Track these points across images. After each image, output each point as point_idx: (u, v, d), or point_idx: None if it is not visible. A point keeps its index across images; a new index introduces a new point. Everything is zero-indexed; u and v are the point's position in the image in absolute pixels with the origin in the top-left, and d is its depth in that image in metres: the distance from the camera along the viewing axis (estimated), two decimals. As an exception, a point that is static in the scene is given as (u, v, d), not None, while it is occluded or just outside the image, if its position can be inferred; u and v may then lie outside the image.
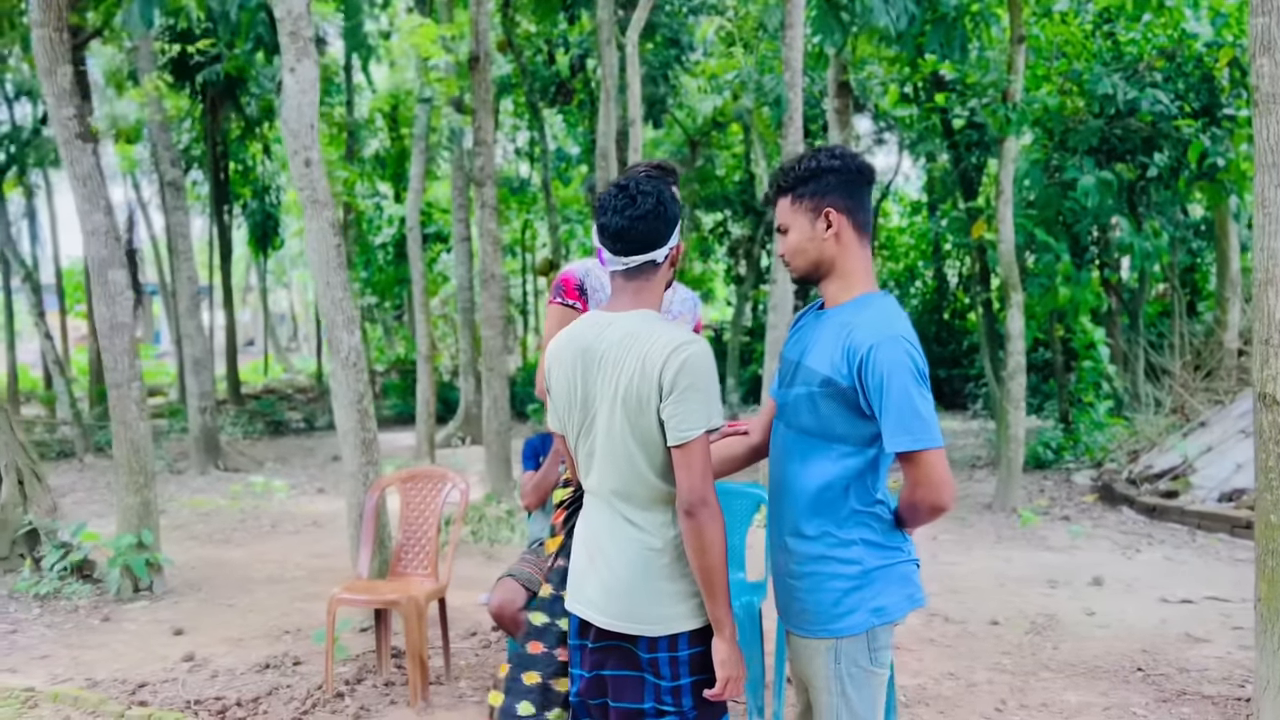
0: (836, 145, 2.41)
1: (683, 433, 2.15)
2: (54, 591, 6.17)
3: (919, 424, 2.13)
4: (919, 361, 2.17)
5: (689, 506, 2.15)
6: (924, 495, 2.18)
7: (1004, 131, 8.46)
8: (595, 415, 2.28)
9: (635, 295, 2.33)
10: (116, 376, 6.32)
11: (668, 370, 2.16)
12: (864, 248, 2.33)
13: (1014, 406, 8.71)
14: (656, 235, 2.29)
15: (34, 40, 5.99)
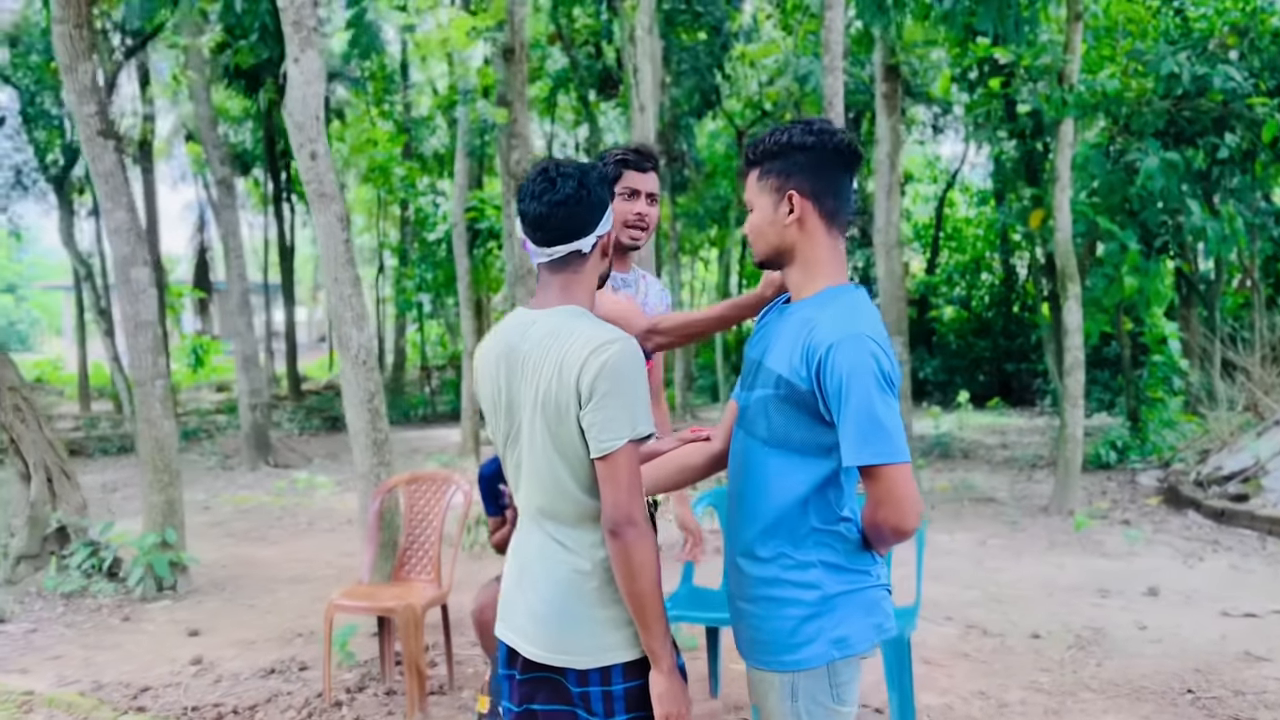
0: (819, 119, 2.11)
1: (604, 443, 1.95)
2: (80, 590, 6.16)
3: (880, 435, 1.88)
4: (885, 364, 1.91)
5: (614, 526, 1.94)
6: (886, 516, 1.93)
7: (1059, 115, 8.04)
8: (520, 424, 2.08)
9: (562, 290, 2.12)
10: (140, 374, 6.30)
11: (585, 374, 1.95)
12: (832, 237, 2.08)
13: (1072, 404, 8.28)
14: (580, 222, 2.08)
15: (54, 37, 5.97)
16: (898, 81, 9.03)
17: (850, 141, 2.07)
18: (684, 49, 11.98)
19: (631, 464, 1.96)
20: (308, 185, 5.11)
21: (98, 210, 18.09)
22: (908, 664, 3.79)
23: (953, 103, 13.71)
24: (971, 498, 9.25)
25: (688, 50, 11.91)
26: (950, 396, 17.35)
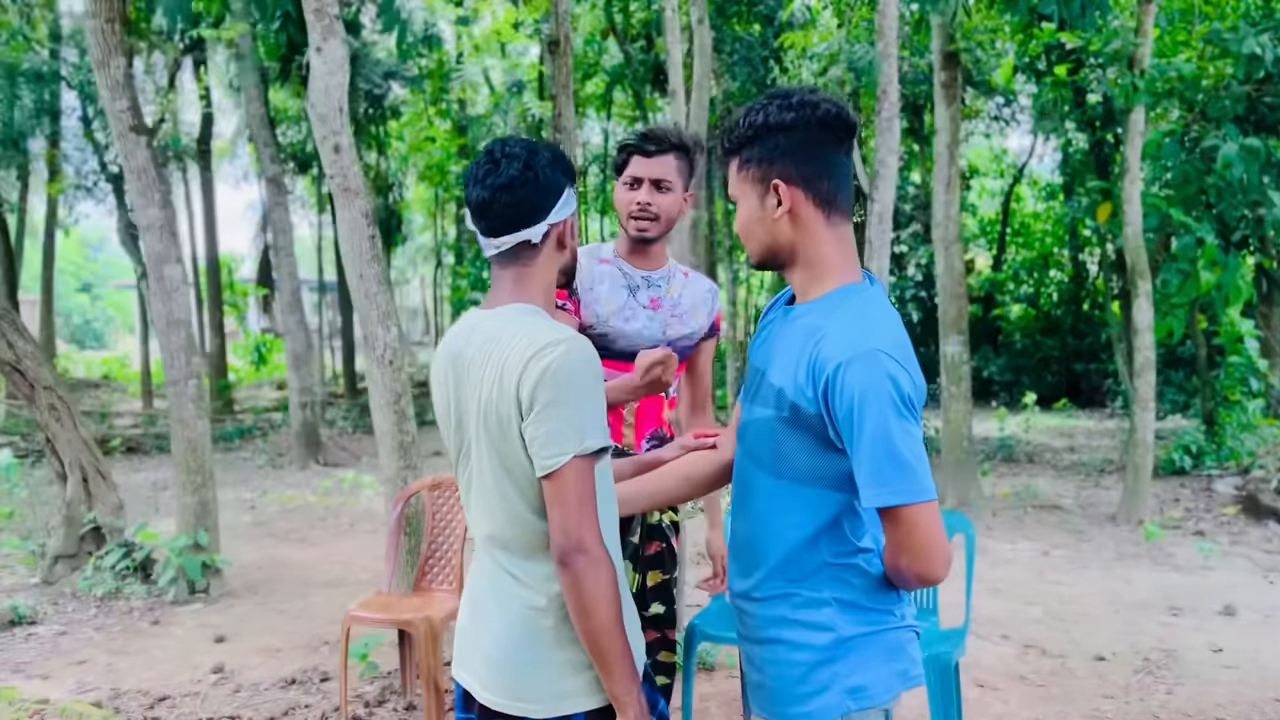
0: (799, 90, 1.79)
1: (548, 459, 1.72)
2: (113, 592, 6.10)
3: (899, 472, 1.60)
4: (904, 385, 1.62)
5: (563, 554, 1.71)
6: (909, 563, 1.66)
7: (1130, 102, 7.60)
8: (469, 440, 1.85)
9: (513, 286, 1.89)
10: (173, 374, 6.21)
11: (525, 380, 1.73)
12: (833, 226, 1.78)
13: (1143, 407, 7.84)
14: (527, 208, 1.84)
15: (87, 33, 5.89)
16: (957, 70, 8.63)
17: (838, 111, 1.75)
18: (736, 39, 11.68)
19: (580, 482, 1.72)
20: (331, 180, 4.95)
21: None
22: (955, 692, 3.50)
23: (1017, 92, 13.21)
24: (1035, 504, 8.84)
25: (740, 41, 11.61)
26: (1016, 397, 16.80)
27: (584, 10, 16.74)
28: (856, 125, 1.79)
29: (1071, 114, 11.74)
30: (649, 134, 2.65)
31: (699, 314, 2.79)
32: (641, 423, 2.72)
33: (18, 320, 6.24)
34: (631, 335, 2.67)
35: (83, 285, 54.12)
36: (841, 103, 1.79)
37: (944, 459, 9.01)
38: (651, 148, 2.62)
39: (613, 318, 2.66)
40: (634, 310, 2.69)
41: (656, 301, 2.73)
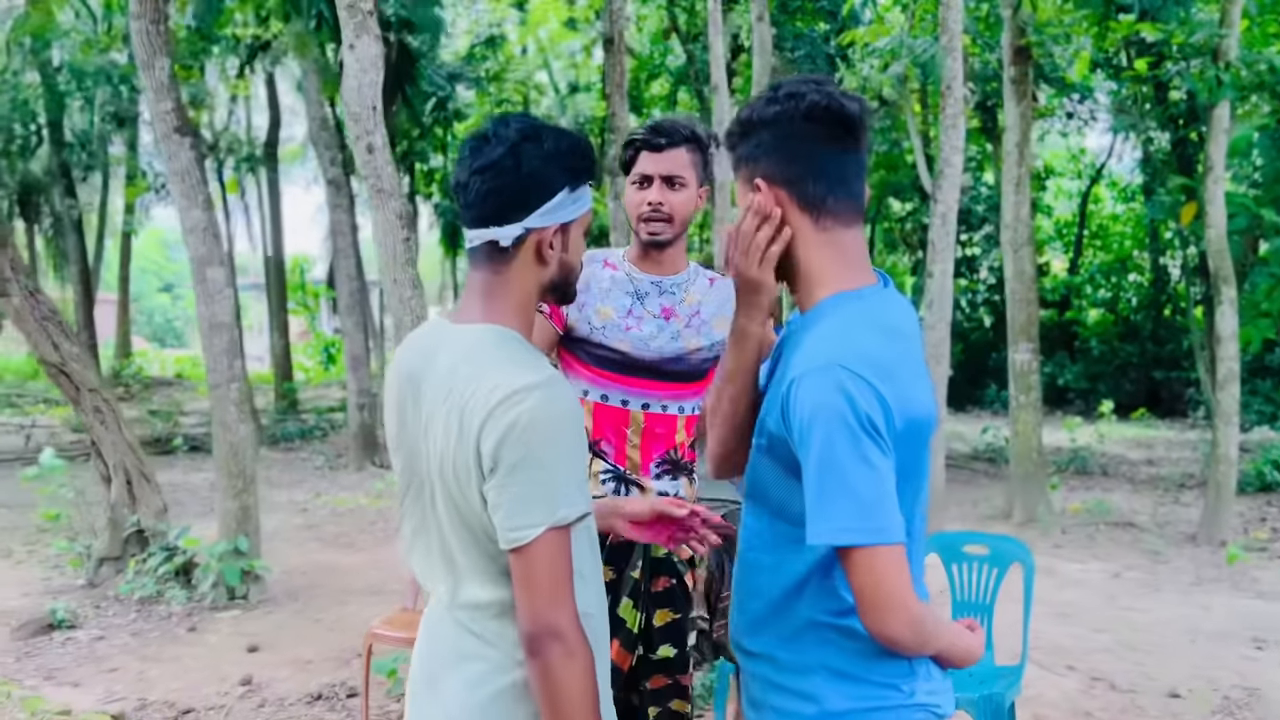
0: (795, 80, 1.57)
1: (514, 532, 1.46)
2: (154, 595, 6.06)
3: (847, 505, 1.37)
4: (863, 404, 1.38)
5: (530, 640, 1.46)
6: (864, 617, 1.40)
7: (1214, 98, 7.17)
8: (422, 481, 1.60)
9: (482, 297, 1.60)
10: (216, 377, 6.15)
11: (488, 434, 1.45)
12: (824, 230, 1.55)
13: (1225, 421, 7.39)
14: (501, 202, 1.55)
15: (132, 33, 5.87)
16: (1028, 65, 8.25)
17: (828, 102, 1.52)
18: (798, 36, 11.39)
19: (554, 559, 1.46)
20: (366, 180, 4.82)
21: (228, 213, 18.69)
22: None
23: (1094, 89, 12.69)
24: (1108, 521, 8.41)
25: (801, 38, 11.32)
26: (1092, 406, 16.20)
27: (649, 11, 16.59)
28: (855, 118, 1.55)
29: (1152, 111, 11.23)
30: (657, 126, 2.40)
31: (722, 324, 2.48)
32: (649, 444, 2.46)
33: (64, 323, 6.24)
34: (635, 345, 2.41)
35: (164, 285, 55.61)
36: (839, 94, 1.55)
37: (1012, 471, 8.63)
38: (661, 141, 2.37)
39: (609, 326, 2.40)
40: (640, 317, 2.43)
41: (670, 310, 2.46)
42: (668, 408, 2.46)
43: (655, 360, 2.43)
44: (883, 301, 1.56)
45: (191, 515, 8.37)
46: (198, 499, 9.67)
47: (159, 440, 12.94)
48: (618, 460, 2.44)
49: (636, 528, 1.99)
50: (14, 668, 4.99)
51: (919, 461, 1.53)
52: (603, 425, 2.44)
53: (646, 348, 2.41)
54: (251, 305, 37.03)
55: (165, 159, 6.00)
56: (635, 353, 2.41)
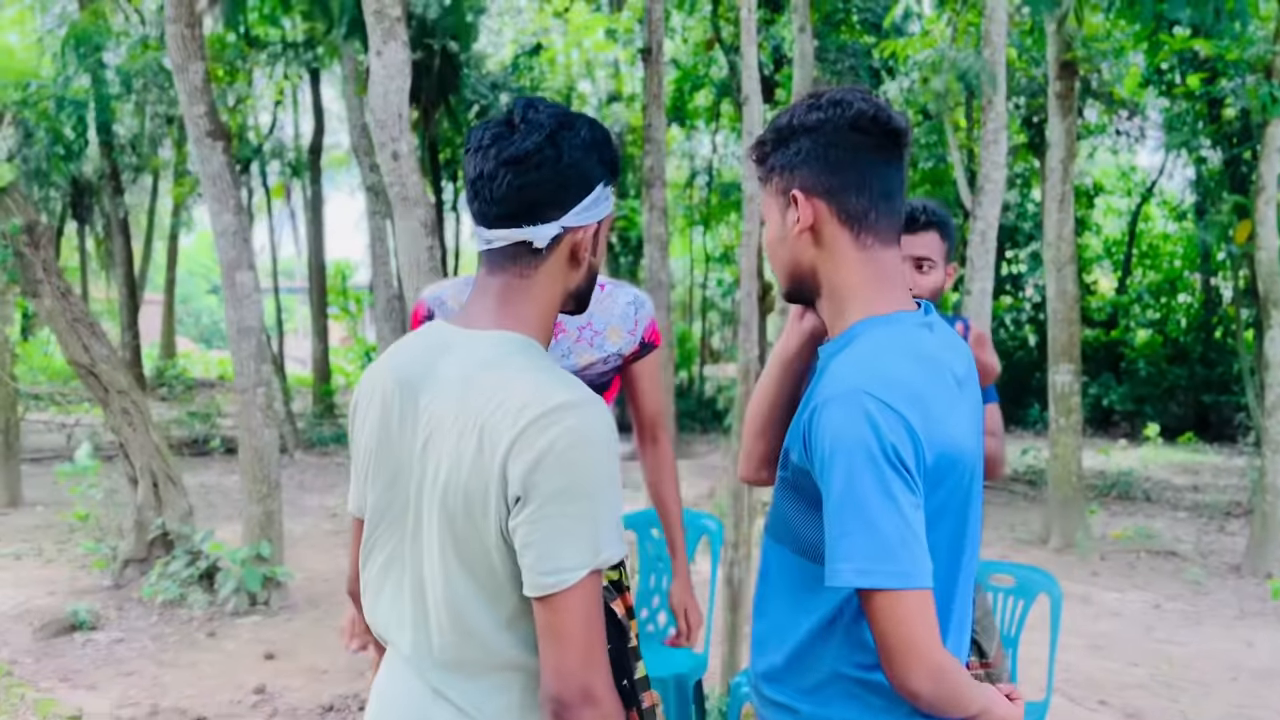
0: (836, 89, 1.47)
1: (549, 576, 1.25)
2: (176, 599, 6.06)
3: (867, 545, 1.26)
4: (890, 434, 1.28)
5: (559, 705, 1.25)
6: (884, 666, 1.30)
7: (1267, 114, 6.95)
8: (405, 505, 1.39)
9: (500, 303, 1.40)
10: (243, 382, 6.15)
11: (518, 457, 1.25)
12: (864, 248, 1.45)
13: (1273, 449, 7.14)
14: (537, 198, 1.37)
15: (168, 37, 5.90)
16: (1074, 80, 8.06)
17: (876, 112, 1.42)
18: (840, 48, 11.27)
19: (590, 609, 1.26)
20: (390, 188, 4.78)
21: (272, 217, 18.87)
22: (1029, 778, 3.08)
23: (1143, 104, 12.42)
24: (1149, 549, 8.16)
25: (844, 50, 11.20)
26: (1138, 428, 15.84)
27: (693, 22, 16.52)
28: (903, 131, 1.46)
29: (1205, 128, 10.96)
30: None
31: (617, 333, 2.38)
32: None
33: (96, 325, 6.28)
34: None
35: (212, 287, 56.44)
36: (884, 104, 1.46)
37: (1050, 495, 8.43)
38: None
39: None
40: None
41: (559, 325, 2.34)
42: None
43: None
44: (920, 329, 1.45)
45: (221, 518, 8.40)
46: (229, 501, 9.71)
47: (196, 441, 13.05)
48: None
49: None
50: (33, 669, 5.00)
51: (958, 500, 1.42)
52: None
53: None
54: (297, 308, 37.46)
55: (198, 162, 6.01)
56: None
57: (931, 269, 2.43)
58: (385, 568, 1.43)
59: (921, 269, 2.42)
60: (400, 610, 1.40)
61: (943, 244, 2.47)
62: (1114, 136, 15.06)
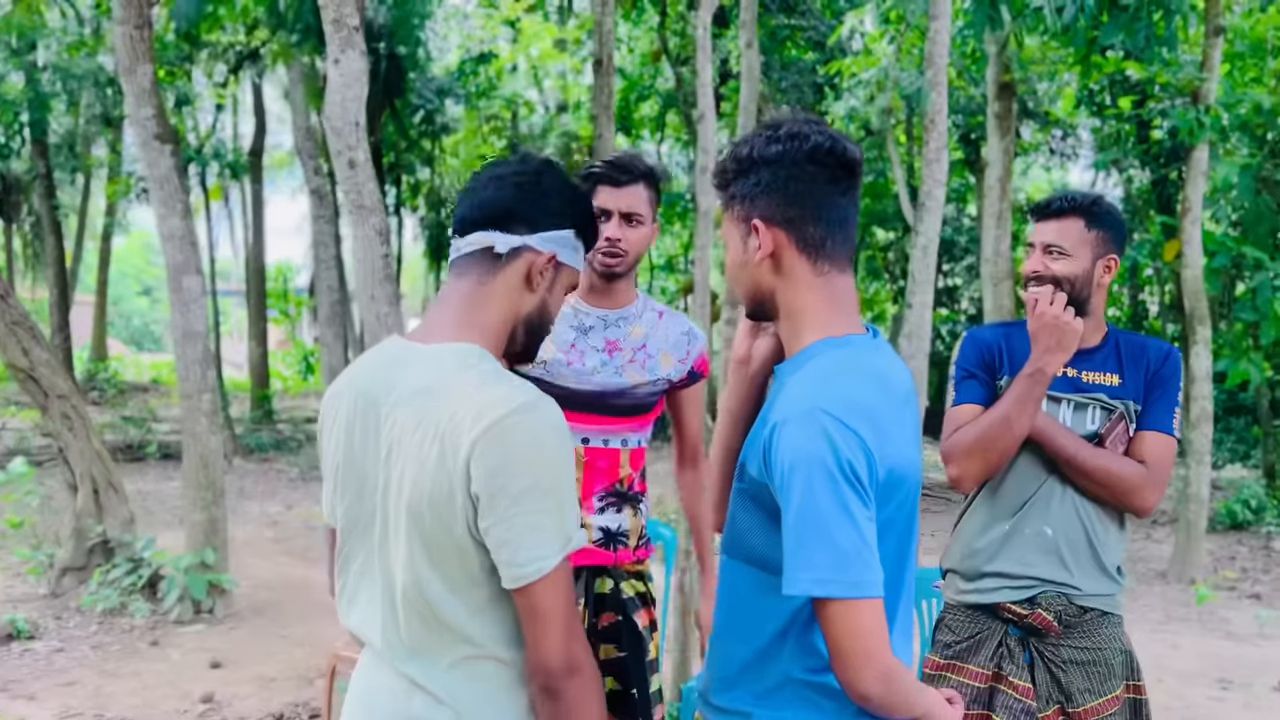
0: (797, 120, 1.55)
1: (525, 567, 1.37)
2: (117, 608, 5.97)
3: (825, 556, 1.34)
4: (847, 451, 1.36)
5: (550, 679, 1.39)
6: (836, 670, 1.38)
7: (1194, 139, 7.24)
8: (373, 516, 1.48)
9: (457, 311, 1.51)
10: (188, 386, 6.09)
11: (480, 458, 1.35)
12: (821, 274, 1.53)
13: (1197, 461, 7.43)
14: (517, 210, 1.52)
15: (115, 38, 5.83)
16: (1012, 100, 8.32)
17: (832, 145, 1.51)
18: (786, 65, 11.46)
19: (566, 588, 1.39)
20: (345, 195, 4.78)
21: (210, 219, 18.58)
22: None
23: (1076, 125, 12.80)
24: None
25: (789, 66, 11.39)
26: (1069, 437, 16.25)
27: (640, 33, 16.63)
28: (856, 161, 1.55)
29: (1134, 149, 11.33)
30: (618, 162, 2.38)
31: (668, 359, 2.48)
32: (590, 478, 2.41)
33: (35, 328, 6.17)
34: (578, 379, 2.37)
35: (144, 289, 55.22)
36: (840, 135, 1.54)
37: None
38: (622, 177, 2.36)
39: (552, 361, 2.36)
40: (583, 351, 2.39)
41: (615, 344, 2.42)
42: (609, 441, 2.44)
43: (597, 394, 2.39)
44: (871, 351, 1.53)
45: (160, 525, 8.27)
46: (167, 508, 9.56)
47: (131, 447, 12.80)
48: None
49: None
50: (-31, 678, 4.91)
51: (903, 515, 1.51)
52: None
53: (589, 381, 2.38)
54: (233, 311, 36.85)
55: (145, 165, 5.95)
56: (576, 386, 2.37)
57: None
58: (360, 575, 1.53)
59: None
60: (373, 612, 1.49)
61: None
62: (1048, 155, 15.47)
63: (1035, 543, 2.29)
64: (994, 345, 2.42)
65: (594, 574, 2.44)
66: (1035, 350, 2.21)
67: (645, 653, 2.44)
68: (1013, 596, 2.29)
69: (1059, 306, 2.20)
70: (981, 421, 2.27)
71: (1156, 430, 2.31)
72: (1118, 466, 2.26)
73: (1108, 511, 2.32)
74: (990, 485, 2.37)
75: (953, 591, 2.43)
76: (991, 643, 2.31)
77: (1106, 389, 2.35)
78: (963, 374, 2.42)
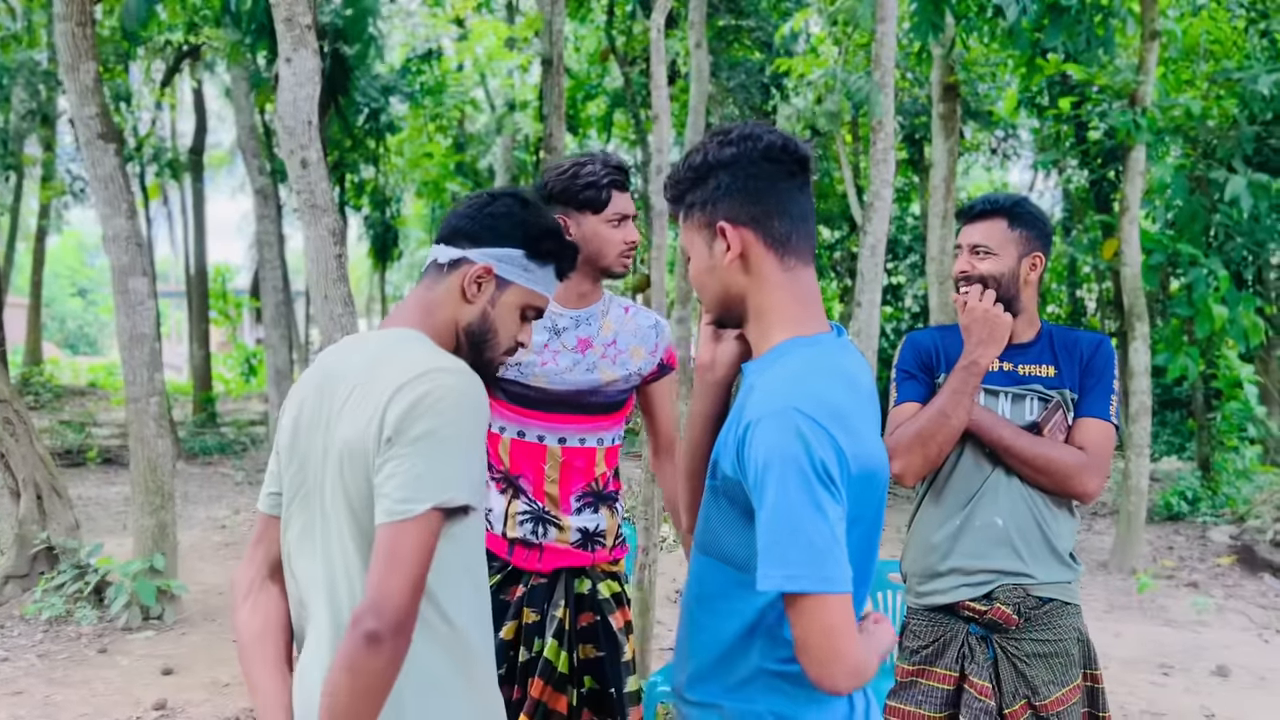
0: (740, 125, 1.61)
1: (398, 504, 1.40)
2: (63, 616, 5.85)
3: (798, 551, 1.37)
4: (820, 450, 1.39)
5: (379, 622, 1.36)
6: (806, 665, 1.40)
7: (1131, 140, 7.43)
8: (316, 481, 1.56)
9: (411, 309, 1.68)
10: (135, 390, 5.99)
11: (395, 405, 1.44)
12: (789, 270, 1.57)
13: (1137, 454, 7.63)
14: (462, 228, 1.68)
15: (56, 35, 5.72)
16: (956, 102, 8.48)
17: (784, 142, 1.56)
18: (733, 65, 11.55)
19: (426, 545, 1.40)
20: (298, 195, 4.74)
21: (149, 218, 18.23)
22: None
23: (1017, 125, 13.06)
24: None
25: (737, 66, 11.48)
26: (1010, 433, 16.56)
27: (587, 31, 16.63)
28: (809, 158, 1.60)
29: (1073, 150, 11.59)
30: (622, 166, 2.45)
31: (639, 353, 2.54)
32: (568, 478, 2.45)
33: (-25, 330, 6.02)
34: (551, 379, 2.42)
35: (78, 290, 53.96)
36: (789, 134, 1.59)
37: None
38: (628, 183, 2.47)
39: (525, 362, 2.41)
40: (556, 351, 2.44)
41: (586, 342, 2.48)
42: (585, 440, 2.47)
43: (571, 393, 2.44)
44: (838, 350, 1.57)
45: (103, 531, 8.12)
46: (110, 514, 9.39)
47: (70, 452, 12.52)
48: (536, 496, 2.45)
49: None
50: (-90, 690, 4.79)
51: (870, 510, 1.55)
52: (520, 461, 2.45)
53: (563, 381, 2.43)
54: (171, 313, 36.15)
55: (88, 165, 5.83)
56: (550, 387, 2.42)
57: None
58: (299, 539, 1.58)
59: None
60: (314, 575, 1.55)
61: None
62: (989, 155, 15.76)
63: (987, 534, 2.34)
64: (931, 347, 2.51)
65: (573, 575, 2.47)
66: (968, 344, 2.31)
67: (622, 653, 2.47)
68: (970, 594, 2.33)
69: (988, 301, 2.32)
70: (920, 417, 2.34)
71: (1094, 416, 2.38)
72: (1057, 453, 2.32)
73: (1055, 499, 2.38)
74: (936, 483, 2.43)
75: (913, 596, 2.48)
76: (955, 644, 2.36)
77: (1042, 380, 2.42)
78: (902, 375, 2.50)
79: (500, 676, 2.35)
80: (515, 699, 2.39)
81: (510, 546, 2.44)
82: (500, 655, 2.37)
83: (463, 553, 1.54)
